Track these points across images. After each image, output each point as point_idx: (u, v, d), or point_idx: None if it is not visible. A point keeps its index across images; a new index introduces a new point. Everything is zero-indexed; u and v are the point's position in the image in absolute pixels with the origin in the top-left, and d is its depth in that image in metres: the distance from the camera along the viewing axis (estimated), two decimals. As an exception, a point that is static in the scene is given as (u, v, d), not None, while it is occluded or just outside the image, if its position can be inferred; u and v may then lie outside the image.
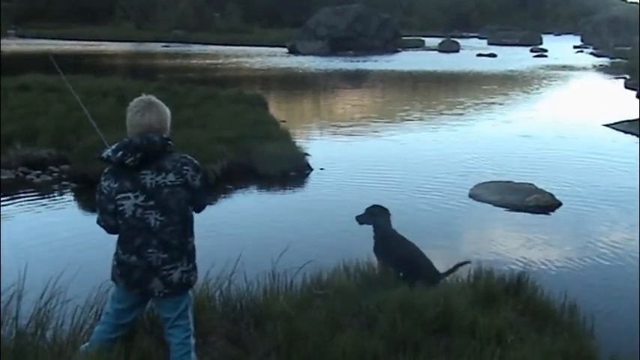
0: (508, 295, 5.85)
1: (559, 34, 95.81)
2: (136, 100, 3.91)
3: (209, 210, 4.22)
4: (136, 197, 3.75)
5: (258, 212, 10.11)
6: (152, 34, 69.87)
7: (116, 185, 3.75)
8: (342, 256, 6.33)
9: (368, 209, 6.29)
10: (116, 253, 3.90)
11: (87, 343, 4.12)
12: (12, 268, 5.18)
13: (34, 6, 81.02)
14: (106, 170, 3.84)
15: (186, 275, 3.91)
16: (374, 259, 6.12)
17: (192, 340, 4.03)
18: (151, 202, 3.77)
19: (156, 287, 3.84)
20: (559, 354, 4.51)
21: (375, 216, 6.20)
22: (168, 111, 3.94)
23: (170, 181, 3.79)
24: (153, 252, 3.79)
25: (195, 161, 3.94)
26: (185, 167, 3.84)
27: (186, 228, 3.91)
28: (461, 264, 6.15)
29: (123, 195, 3.75)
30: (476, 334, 4.79)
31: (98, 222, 3.92)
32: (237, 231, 8.85)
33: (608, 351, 5.10)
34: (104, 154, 3.78)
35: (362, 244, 6.38)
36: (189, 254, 3.94)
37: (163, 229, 3.80)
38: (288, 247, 6.00)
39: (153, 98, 3.93)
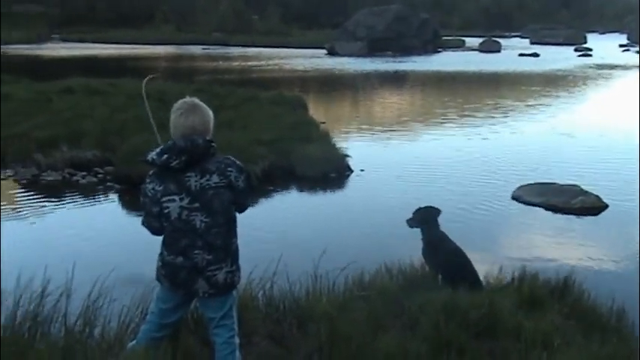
0: (553, 299, 5.77)
1: (604, 33, 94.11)
2: (179, 102, 3.94)
3: (250, 211, 4.24)
4: (181, 199, 3.78)
5: (298, 213, 10.15)
6: (192, 36, 70.50)
7: (161, 188, 3.77)
8: (383, 257, 6.33)
9: (416, 211, 6.25)
10: (161, 254, 3.93)
11: (134, 342, 4.17)
12: (60, 268, 5.26)
13: (76, 11, 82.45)
14: (150, 172, 3.86)
15: (230, 276, 3.94)
16: (416, 261, 6.09)
17: (237, 340, 4.05)
18: (196, 204, 3.79)
19: (201, 288, 3.87)
20: (608, 358, 4.42)
21: (423, 219, 6.14)
22: (211, 113, 3.97)
23: (214, 183, 3.81)
24: (198, 253, 3.82)
25: (239, 162, 3.96)
26: (229, 169, 3.86)
27: (230, 229, 3.94)
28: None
29: (168, 197, 3.78)
30: (521, 338, 4.72)
31: (143, 223, 3.95)
32: (278, 232, 8.88)
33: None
34: (148, 157, 3.81)
35: (403, 245, 6.38)
36: (233, 255, 3.97)
37: (208, 231, 3.83)
38: (329, 249, 6.02)
39: (196, 100, 3.95)
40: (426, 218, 6.14)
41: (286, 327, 4.95)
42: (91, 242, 8.50)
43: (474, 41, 65.60)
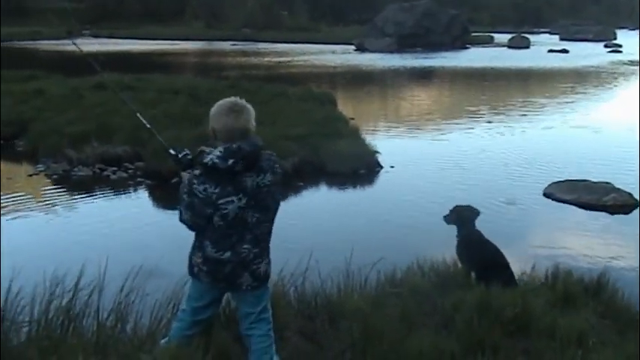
0: (587, 297, 5.70)
1: (634, 29, 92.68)
2: (226, 102, 3.87)
3: (281, 207, 4.21)
4: (239, 200, 3.76)
5: (329, 209, 10.13)
6: (221, 32, 70.71)
7: (217, 190, 3.72)
8: (415, 254, 6.30)
9: (454, 209, 6.20)
10: (202, 250, 3.87)
11: (166, 339, 4.18)
12: (92, 263, 5.29)
13: (106, 7, 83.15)
14: (198, 173, 3.78)
15: (268, 267, 4.00)
16: (448, 258, 6.04)
17: (272, 333, 4.07)
18: (252, 202, 3.81)
19: (245, 281, 3.89)
20: (644, 358, 4.35)
21: (460, 217, 6.09)
22: (253, 111, 3.95)
23: (268, 181, 3.85)
24: (247, 248, 3.84)
25: (274, 155, 3.99)
26: (276, 165, 3.92)
27: (273, 223, 3.98)
28: None
29: (226, 199, 3.74)
30: (555, 336, 4.67)
31: (183, 221, 3.90)
32: (309, 228, 8.87)
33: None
34: (207, 160, 3.72)
35: (434, 242, 6.34)
36: (269, 247, 4.01)
37: (259, 225, 3.86)
38: (360, 245, 6.02)
39: (242, 100, 3.92)
40: (464, 216, 6.07)
41: (318, 323, 4.94)
42: (122, 237, 8.56)
43: (503, 37, 65.01)
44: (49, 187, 11.13)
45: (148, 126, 4.53)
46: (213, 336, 4.30)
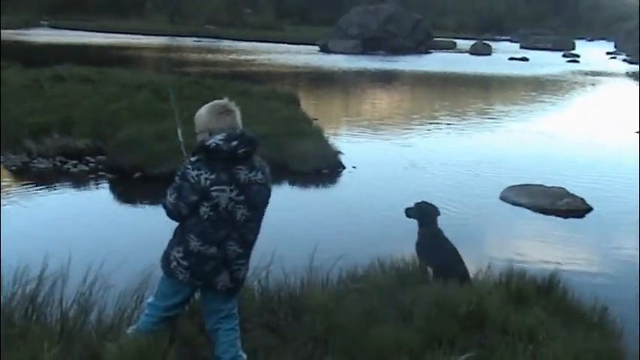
0: (539, 296, 5.89)
1: (592, 40, 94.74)
2: (219, 103, 4.03)
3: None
4: (231, 191, 3.83)
5: (292, 208, 10.21)
6: (184, 28, 70.31)
7: (213, 177, 3.78)
8: (376, 251, 6.44)
9: (418, 204, 6.34)
10: (185, 244, 3.89)
11: (133, 327, 4.23)
12: (55, 255, 5.31)
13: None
14: (194, 159, 3.84)
15: (246, 273, 4.13)
16: (407, 256, 6.19)
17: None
18: (242, 197, 3.86)
19: (221, 281, 3.93)
20: (590, 353, 4.56)
21: (423, 213, 6.25)
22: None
23: (259, 179, 3.94)
24: (232, 245, 3.89)
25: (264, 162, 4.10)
26: (265, 168, 4.03)
27: (260, 226, 4.06)
28: None
29: (219, 187, 3.79)
30: (508, 331, 4.85)
31: (165, 205, 3.92)
32: (271, 225, 8.93)
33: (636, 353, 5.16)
34: (210, 144, 3.80)
35: (395, 240, 6.49)
36: (251, 254, 4.09)
37: (246, 224, 3.92)
38: (323, 243, 6.13)
39: (232, 103, 4.06)
40: (427, 212, 6.23)
41: (281, 317, 5.05)
42: (84, 230, 8.53)
43: (465, 44, 65.89)
44: (8, 179, 11.03)
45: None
46: (179, 326, 4.38)
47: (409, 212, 6.30)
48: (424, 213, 6.21)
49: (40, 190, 10.43)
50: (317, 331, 4.66)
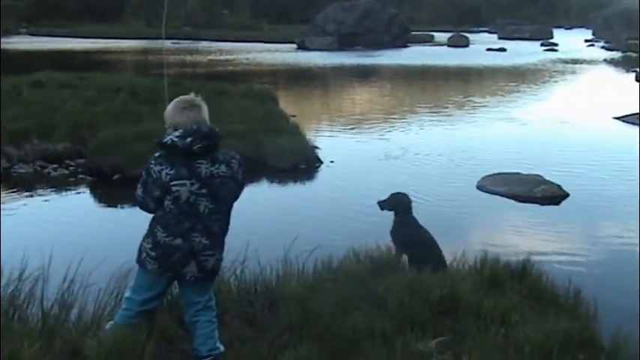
0: (513, 281, 6.01)
1: (570, 28, 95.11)
2: (184, 98, 4.14)
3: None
4: (192, 184, 3.95)
5: (269, 203, 10.34)
6: (161, 31, 70.04)
7: (172, 172, 3.92)
8: (351, 243, 6.54)
9: (391, 195, 6.46)
10: (152, 236, 4.03)
11: (111, 322, 4.33)
12: (35, 256, 5.40)
13: (44, 5, 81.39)
14: (157, 154, 3.99)
15: (218, 264, 4.20)
16: (382, 246, 6.31)
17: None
18: (204, 190, 3.98)
19: (189, 271, 4.04)
20: (561, 333, 4.68)
21: (397, 203, 6.37)
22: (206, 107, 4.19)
23: (222, 172, 4.04)
24: (197, 236, 4.00)
25: (238, 156, 4.19)
26: (233, 160, 4.11)
27: (228, 218, 4.16)
28: None
29: (179, 182, 3.93)
30: (481, 315, 4.97)
31: (138, 198, 4.08)
32: (248, 220, 9.02)
33: (611, 333, 5.28)
34: (167, 140, 3.94)
35: (370, 232, 6.60)
36: (224, 244, 4.21)
37: (210, 216, 4.02)
38: (299, 236, 6.24)
39: (198, 97, 4.17)
40: (401, 201, 6.36)
41: (258, 308, 5.14)
42: (65, 231, 8.62)
43: (443, 36, 66.03)
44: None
45: None
46: (157, 320, 4.47)
47: (382, 205, 6.44)
48: (398, 202, 6.35)
49: (21, 194, 10.47)
50: (292, 320, 4.76)
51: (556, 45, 58.07)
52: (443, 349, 4.44)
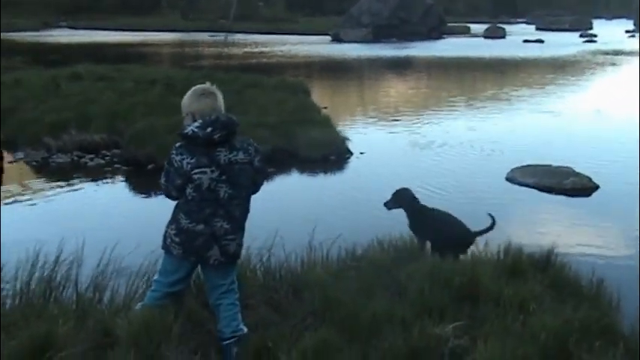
0: (536, 270, 6.09)
1: (611, 19, 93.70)
2: (199, 87, 4.33)
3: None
4: (212, 172, 4.14)
5: (298, 193, 10.53)
6: (198, 24, 70.58)
7: (193, 161, 4.11)
8: (376, 232, 6.68)
9: (392, 195, 6.59)
10: (176, 222, 4.24)
11: (141, 303, 4.55)
12: (72, 241, 5.65)
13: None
14: (178, 145, 4.19)
15: (239, 248, 4.38)
16: (406, 235, 6.44)
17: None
18: (223, 177, 4.17)
19: (213, 255, 4.24)
20: (578, 321, 4.75)
21: (401, 198, 6.50)
22: (221, 95, 4.37)
23: (240, 159, 4.23)
24: (218, 221, 4.20)
25: (256, 144, 4.38)
26: (250, 147, 4.31)
27: (248, 203, 4.36)
28: (491, 226, 6.41)
29: (200, 170, 4.12)
30: (500, 303, 5.07)
31: (161, 184, 4.29)
32: (277, 209, 9.21)
33: (631, 322, 5.33)
34: (188, 131, 4.13)
35: (395, 221, 6.70)
36: (244, 229, 4.39)
37: (230, 201, 4.22)
38: (324, 224, 6.44)
39: (213, 86, 4.36)
40: (407, 196, 6.50)
41: (282, 294, 5.30)
42: (100, 219, 8.90)
43: (479, 28, 65.54)
44: (29, 174, 11.44)
45: None
46: (184, 303, 4.68)
47: (388, 205, 6.57)
48: (400, 198, 6.49)
49: (58, 183, 10.80)
50: (315, 306, 4.92)
51: (595, 36, 57.21)
52: (460, 333, 4.55)
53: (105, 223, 8.66)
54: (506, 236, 7.27)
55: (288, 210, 9.24)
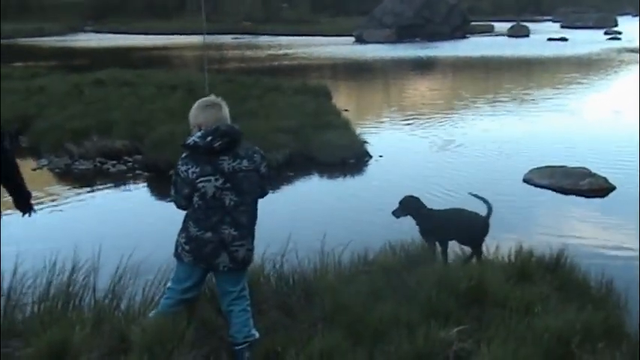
0: (545, 272, 6.15)
1: (637, 15, 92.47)
2: (205, 99, 4.49)
3: (269, 195, 4.70)
4: (216, 180, 4.27)
5: (314, 196, 10.63)
6: (222, 26, 70.97)
7: (197, 170, 4.25)
8: (389, 237, 6.77)
9: (399, 203, 6.67)
10: (186, 230, 4.38)
11: (155, 310, 4.69)
12: (90, 248, 5.80)
13: (108, 3, 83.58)
14: (183, 155, 4.33)
15: (249, 254, 4.48)
16: (417, 240, 6.53)
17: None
18: (228, 185, 4.30)
19: (222, 262, 4.36)
20: (581, 322, 4.81)
21: (407, 206, 6.60)
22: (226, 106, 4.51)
23: (245, 167, 4.35)
24: (226, 228, 4.32)
25: (261, 151, 4.50)
26: (255, 155, 4.42)
27: (255, 210, 4.48)
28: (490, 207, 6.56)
29: (204, 178, 4.26)
30: (506, 306, 5.15)
31: (171, 196, 4.43)
32: (293, 214, 9.36)
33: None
34: (190, 141, 4.28)
35: (409, 226, 6.79)
36: (253, 235, 4.50)
37: (237, 208, 4.34)
38: (338, 230, 6.51)
39: (218, 97, 4.51)
40: (408, 205, 6.59)
41: (295, 299, 5.43)
42: (121, 225, 9.12)
43: (503, 26, 65.10)
44: (52, 180, 11.68)
45: None
46: (197, 309, 4.81)
47: (397, 213, 6.64)
48: (407, 206, 6.58)
49: (81, 189, 11.04)
50: (325, 311, 5.04)
51: (620, 33, 56.58)
52: (464, 336, 4.64)
53: (126, 228, 8.89)
54: (518, 237, 7.34)
55: (303, 214, 9.37)
